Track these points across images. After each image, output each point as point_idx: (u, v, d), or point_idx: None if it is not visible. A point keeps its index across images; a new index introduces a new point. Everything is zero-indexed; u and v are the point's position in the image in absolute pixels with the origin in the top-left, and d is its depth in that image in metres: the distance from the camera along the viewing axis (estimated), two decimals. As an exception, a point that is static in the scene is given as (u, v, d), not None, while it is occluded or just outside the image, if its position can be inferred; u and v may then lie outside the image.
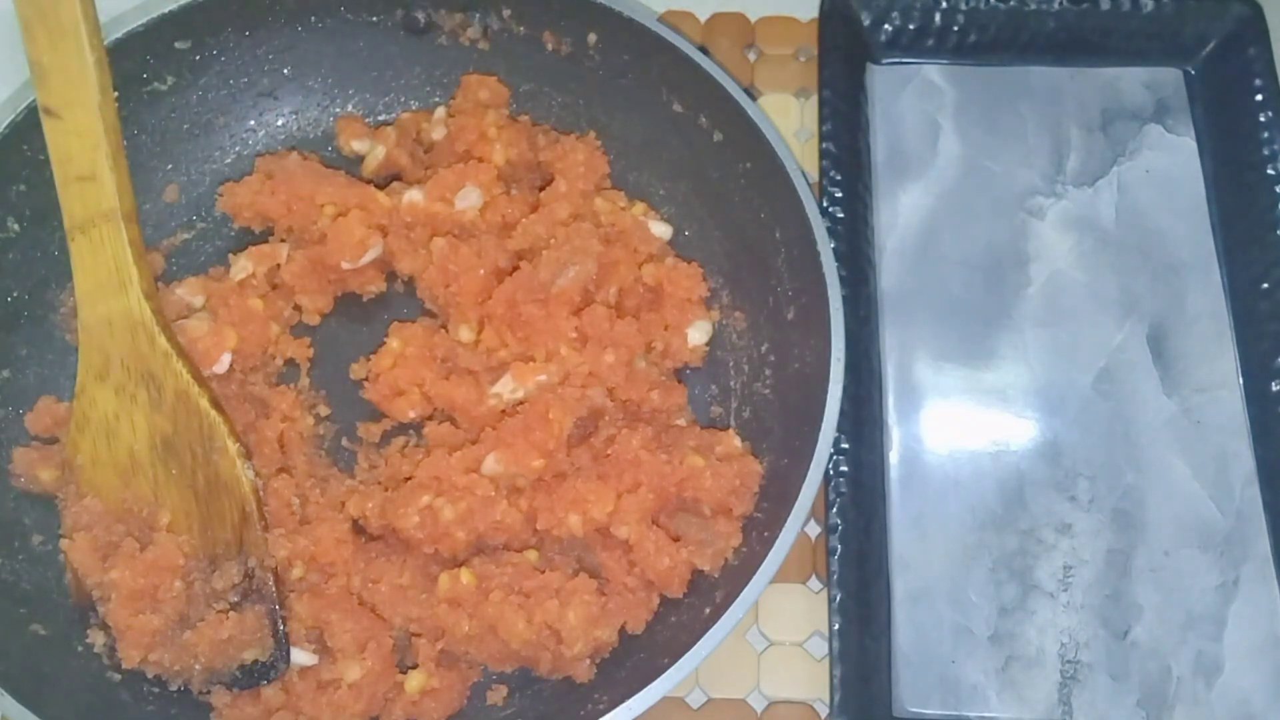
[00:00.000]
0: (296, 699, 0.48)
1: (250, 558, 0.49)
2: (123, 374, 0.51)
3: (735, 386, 0.56)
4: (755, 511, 0.50)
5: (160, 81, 0.57)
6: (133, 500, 0.50)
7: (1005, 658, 0.52)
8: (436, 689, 0.48)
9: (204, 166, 0.60)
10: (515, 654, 0.48)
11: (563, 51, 0.59)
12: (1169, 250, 0.60)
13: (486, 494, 0.49)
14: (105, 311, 0.51)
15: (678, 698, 0.52)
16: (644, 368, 0.54)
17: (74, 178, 0.50)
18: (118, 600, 0.48)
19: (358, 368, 0.56)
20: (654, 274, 0.56)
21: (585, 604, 0.47)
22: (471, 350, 0.54)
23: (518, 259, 0.55)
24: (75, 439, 0.51)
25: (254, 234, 0.59)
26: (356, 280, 0.57)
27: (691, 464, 0.50)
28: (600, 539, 0.50)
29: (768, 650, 0.53)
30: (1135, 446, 0.56)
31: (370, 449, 0.55)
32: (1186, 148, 0.62)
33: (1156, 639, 0.52)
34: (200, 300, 0.55)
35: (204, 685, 0.48)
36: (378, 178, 0.60)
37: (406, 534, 0.50)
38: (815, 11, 0.65)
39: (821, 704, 0.52)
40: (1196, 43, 0.64)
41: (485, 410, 0.52)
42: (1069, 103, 0.64)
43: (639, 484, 0.49)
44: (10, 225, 0.54)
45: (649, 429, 0.51)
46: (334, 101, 0.62)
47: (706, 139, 0.56)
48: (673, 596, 0.49)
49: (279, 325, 0.56)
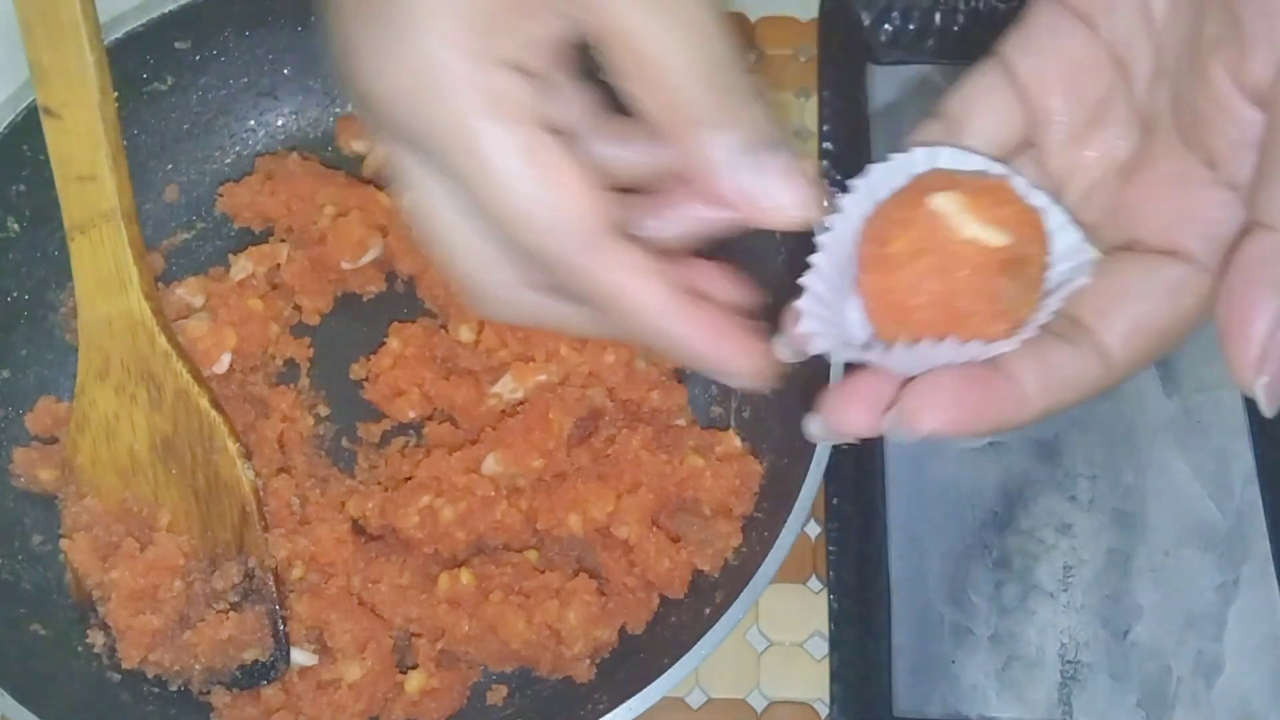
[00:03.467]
0: (296, 699, 0.48)
1: (250, 558, 0.49)
2: (123, 374, 0.51)
3: (735, 386, 0.56)
4: (755, 511, 0.50)
5: (160, 81, 0.57)
6: (133, 500, 0.50)
7: (1005, 658, 0.52)
8: (436, 689, 0.48)
9: (204, 166, 0.60)
10: (515, 654, 0.48)
11: (563, 51, 0.59)
12: (1169, 250, 0.60)
13: (486, 494, 0.49)
14: (105, 311, 0.51)
15: (678, 698, 0.52)
16: (644, 368, 0.54)
17: (74, 178, 0.50)
18: (118, 600, 0.48)
19: (358, 368, 0.56)
20: (654, 274, 0.56)
21: (585, 604, 0.47)
22: (471, 350, 0.54)
23: (518, 259, 0.55)
24: (75, 439, 0.51)
25: (254, 234, 0.59)
26: (356, 280, 0.57)
27: (691, 464, 0.50)
28: (600, 539, 0.50)
29: (768, 650, 0.53)
30: (1135, 446, 0.56)
31: (370, 449, 0.55)
32: (1186, 148, 0.62)
33: (1156, 639, 0.52)
34: (200, 300, 0.55)
35: (204, 685, 0.48)
36: (378, 178, 0.60)
37: (406, 534, 0.50)
38: (815, 11, 0.64)
39: (821, 704, 0.52)
40: (1196, 42, 0.64)
41: (485, 410, 0.52)
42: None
43: (639, 484, 0.49)
44: (10, 225, 0.54)
45: (649, 429, 0.51)
46: (334, 101, 0.62)
47: (706, 139, 0.56)
48: (673, 597, 0.49)
49: (279, 325, 0.56)
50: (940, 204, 0.32)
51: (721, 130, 0.32)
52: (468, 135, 0.31)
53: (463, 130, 0.31)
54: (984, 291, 0.31)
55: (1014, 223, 0.32)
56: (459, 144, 0.31)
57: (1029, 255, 0.32)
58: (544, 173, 0.31)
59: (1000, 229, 0.31)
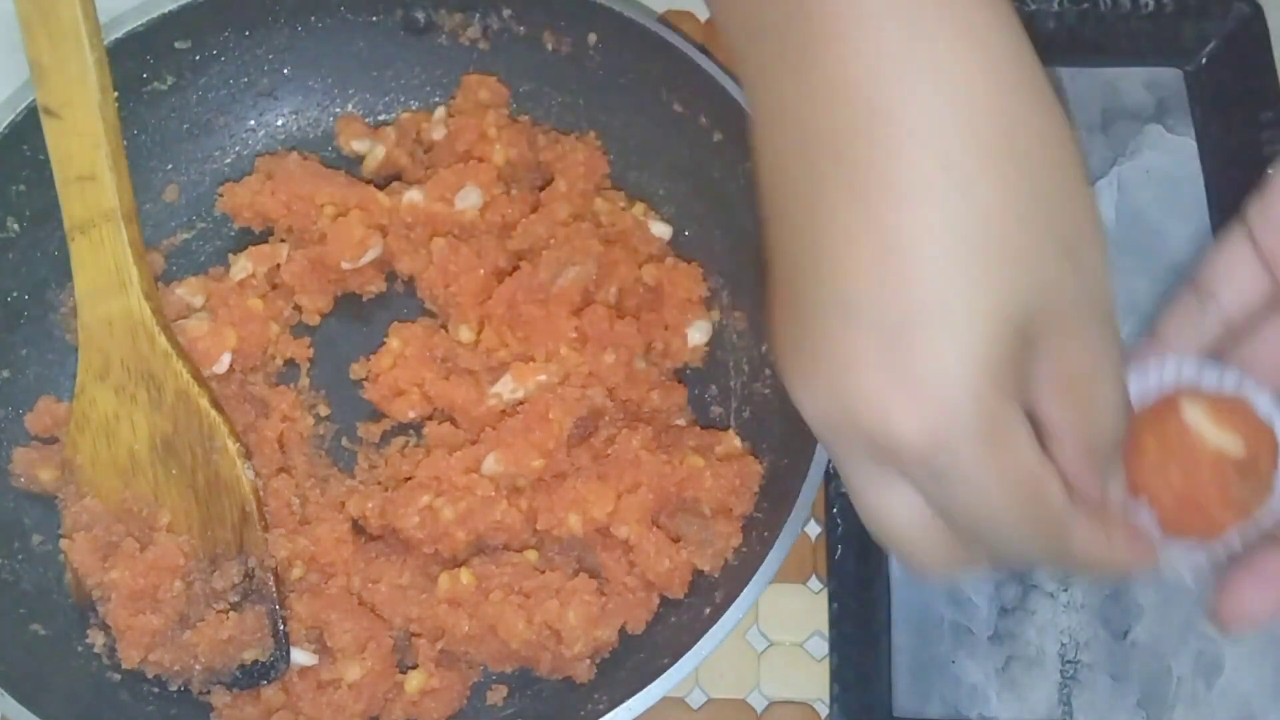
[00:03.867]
0: (296, 699, 0.48)
1: (250, 558, 0.49)
2: (123, 374, 0.51)
3: (735, 386, 0.56)
4: (755, 511, 0.50)
5: (160, 81, 0.57)
6: (133, 500, 0.50)
7: (1005, 658, 0.52)
8: (436, 689, 0.48)
9: (204, 166, 0.60)
10: (515, 654, 0.48)
11: (563, 51, 0.59)
12: (1169, 250, 0.60)
13: (486, 494, 0.49)
14: (105, 311, 0.51)
15: (678, 698, 0.52)
16: (644, 368, 0.54)
17: (74, 178, 0.50)
18: (118, 600, 0.48)
19: (358, 368, 0.56)
20: (654, 274, 0.56)
21: (585, 604, 0.47)
22: (471, 350, 0.54)
23: (518, 259, 0.55)
24: (75, 439, 0.51)
25: (254, 234, 0.59)
26: (356, 280, 0.57)
27: (691, 464, 0.50)
28: (600, 539, 0.50)
29: (768, 650, 0.53)
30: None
31: (370, 449, 0.55)
32: (1186, 148, 0.62)
33: (1156, 639, 0.52)
34: (200, 300, 0.55)
35: (204, 685, 0.48)
36: (378, 178, 0.60)
37: (406, 534, 0.50)
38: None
39: (821, 704, 0.52)
40: (1196, 43, 0.64)
41: (485, 410, 0.52)
42: (1069, 103, 0.64)
43: (639, 484, 0.49)
44: (10, 225, 0.54)
45: (649, 429, 0.51)
46: (334, 101, 0.62)
47: (706, 139, 0.56)
48: (673, 597, 0.49)
49: (279, 325, 0.56)
50: (1190, 415, 0.39)
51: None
52: (973, 469, 0.33)
53: (969, 463, 0.32)
54: (1223, 488, 0.39)
55: (1251, 436, 0.39)
56: (958, 474, 0.33)
57: (1260, 463, 0.39)
58: (1036, 500, 0.34)
59: (1239, 439, 0.39)
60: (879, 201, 0.31)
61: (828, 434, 0.35)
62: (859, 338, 0.32)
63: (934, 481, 0.34)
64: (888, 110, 0.31)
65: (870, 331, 0.32)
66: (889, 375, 0.32)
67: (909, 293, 0.31)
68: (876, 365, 0.32)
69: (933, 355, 0.31)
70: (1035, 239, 0.32)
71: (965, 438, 0.32)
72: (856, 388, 0.32)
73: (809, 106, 0.33)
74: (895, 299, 0.31)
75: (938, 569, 0.38)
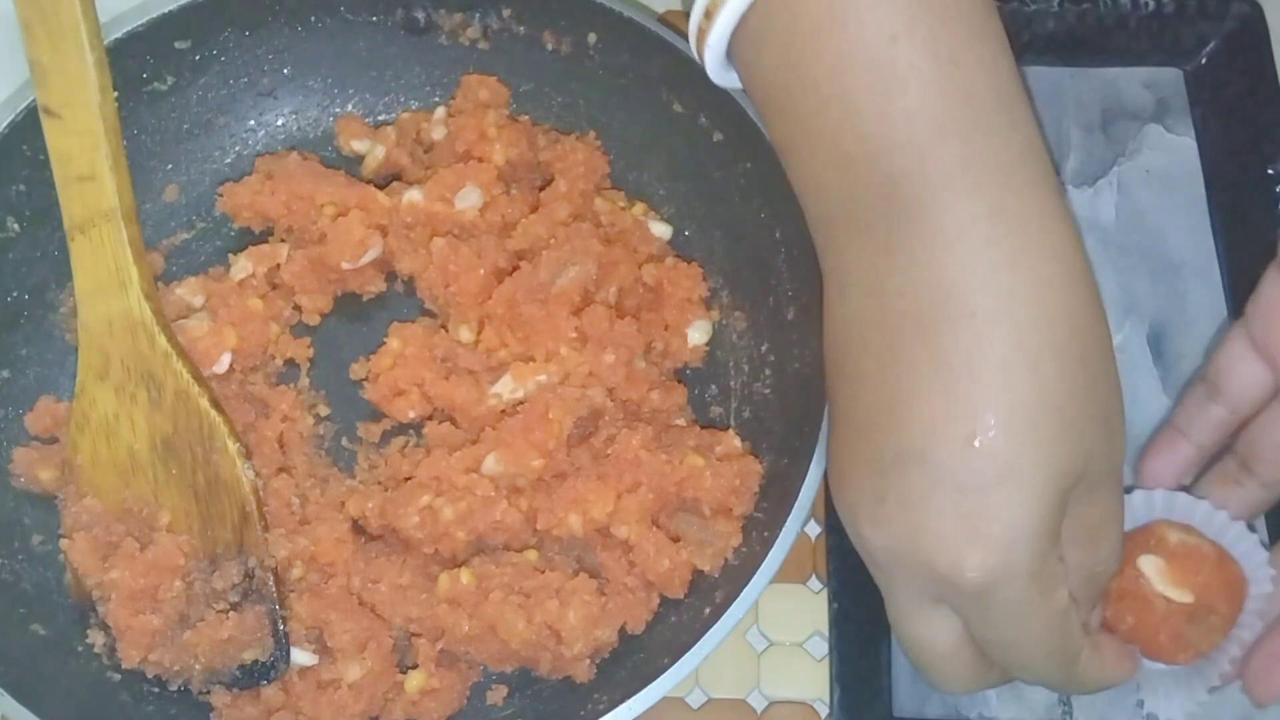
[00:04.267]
0: (296, 699, 0.48)
1: (250, 558, 0.49)
2: (123, 374, 0.51)
3: (735, 386, 0.56)
4: (755, 511, 0.50)
5: (160, 81, 0.57)
6: (133, 500, 0.50)
7: (1005, 658, 0.52)
8: (436, 689, 0.48)
9: (204, 166, 0.60)
10: (515, 654, 0.48)
11: (563, 51, 0.59)
12: (1169, 250, 0.60)
13: (486, 494, 0.49)
14: (105, 311, 0.51)
15: (678, 698, 0.52)
16: (644, 368, 0.54)
17: (74, 178, 0.50)
18: (118, 600, 0.48)
19: (358, 368, 0.56)
20: (654, 274, 0.56)
21: (585, 604, 0.47)
22: (471, 350, 0.54)
23: (518, 259, 0.55)
24: (75, 439, 0.51)
25: (254, 234, 0.59)
26: (356, 280, 0.57)
27: (691, 464, 0.50)
28: (600, 539, 0.50)
29: (768, 650, 0.53)
30: (1135, 447, 0.56)
31: (370, 449, 0.55)
32: (1186, 148, 0.62)
33: (1156, 639, 0.52)
34: (200, 300, 0.55)
35: (204, 685, 0.48)
36: (378, 178, 0.60)
37: (406, 534, 0.50)
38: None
39: (821, 704, 0.52)
40: (1196, 43, 0.64)
41: (485, 410, 0.52)
42: (1069, 103, 0.64)
43: (639, 484, 0.49)
44: (10, 225, 0.54)
45: (649, 429, 0.51)
46: (334, 101, 0.62)
47: (706, 139, 0.56)
48: (673, 597, 0.49)
49: (279, 325, 0.56)
50: (1145, 565, 0.45)
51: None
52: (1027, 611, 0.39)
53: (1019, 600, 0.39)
54: (1172, 632, 0.45)
55: (1203, 587, 0.44)
56: (1009, 609, 0.39)
57: (1213, 608, 0.44)
58: (1064, 632, 0.41)
59: (1188, 591, 0.44)
60: (963, 375, 0.37)
61: (893, 567, 0.41)
62: (939, 491, 0.38)
63: (983, 613, 0.39)
64: (970, 299, 0.37)
65: (951, 488, 0.37)
66: (964, 524, 0.37)
67: (988, 461, 0.37)
68: (952, 515, 0.38)
69: (1004, 511, 0.37)
70: (1084, 411, 0.38)
71: (1020, 579, 0.38)
72: (933, 532, 0.38)
73: (895, 283, 0.39)
74: (976, 463, 0.37)
75: (960, 687, 0.44)
